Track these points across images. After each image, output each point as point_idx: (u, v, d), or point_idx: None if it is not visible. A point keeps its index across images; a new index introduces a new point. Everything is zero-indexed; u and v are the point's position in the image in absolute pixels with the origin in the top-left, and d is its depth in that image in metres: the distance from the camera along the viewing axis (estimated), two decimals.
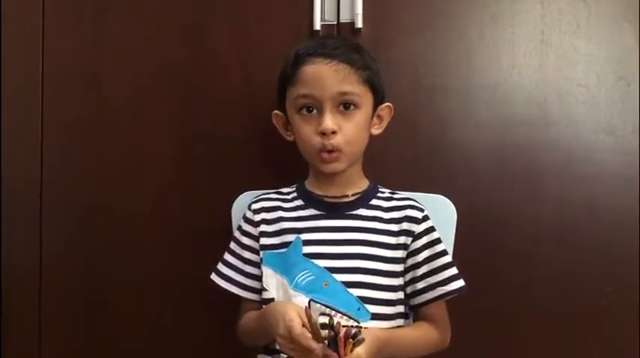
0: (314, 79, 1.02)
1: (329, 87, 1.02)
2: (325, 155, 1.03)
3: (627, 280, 1.20)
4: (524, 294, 1.22)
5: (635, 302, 1.20)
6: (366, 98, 1.05)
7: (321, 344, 0.87)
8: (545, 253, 1.22)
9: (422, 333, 1.04)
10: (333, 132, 1.01)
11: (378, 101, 1.08)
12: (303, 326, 0.88)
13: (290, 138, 1.11)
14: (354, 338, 0.87)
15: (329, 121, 1.01)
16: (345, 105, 1.03)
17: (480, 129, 1.23)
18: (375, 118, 1.09)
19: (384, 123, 1.11)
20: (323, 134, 1.02)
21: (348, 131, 1.03)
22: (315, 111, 1.04)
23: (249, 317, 1.07)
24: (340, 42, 1.07)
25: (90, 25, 1.31)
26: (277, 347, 0.95)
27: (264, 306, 1.05)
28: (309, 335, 0.88)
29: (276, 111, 1.12)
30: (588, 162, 1.21)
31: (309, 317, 0.88)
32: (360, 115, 1.05)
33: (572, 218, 1.21)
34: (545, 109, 1.22)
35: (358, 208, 1.07)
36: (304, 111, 1.04)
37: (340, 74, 1.02)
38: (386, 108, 1.11)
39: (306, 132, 1.04)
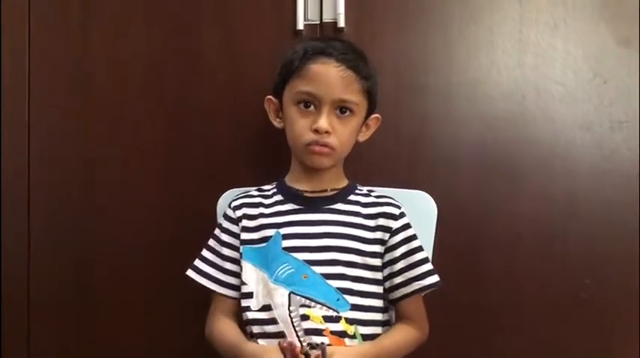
0: (320, 79, 1.04)
1: (332, 90, 1.04)
2: (316, 147, 1.05)
3: (606, 272, 1.22)
4: (506, 288, 1.24)
5: (613, 294, 1.22)
6: (362, 106, 1.08)
7: None
8: (526, 247, 1.23)
9: (405, 336, 1.06)
10: (327, 132, 1.04)
11: (370, 110, 1.11)
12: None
13: (279, 126, 1.12)
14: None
15: (325, 121, 1.04)
16: (342, 110, 1.06)
17: (460, 126, 1.25)
18: (363, 126, 1.12)
19: (370, 132, 1.14)
20: (316, 131, 1.04)
21: (342, 134, 1.05)
22: (312, 107, 1.05)
23: (223, 339, 1.06)
24: (348, 47, 1.08)
25: (76, 26, 1.32)
26: None
27: (242, 302, 1.06)
28: None
29: (269, 97, 1.13)
30: (566, 158, 1.23)
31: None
32: (354, 121, 1.08)
33: (551, 212, 1.23)
34: (523, 106, 1.24)
35: (336, 203, 1.09)
36: (302, 106, 1.06)
37: (345, 81, 1.04)
38: (374, 119, 1.13)
39: (301, 125, 1.06)
